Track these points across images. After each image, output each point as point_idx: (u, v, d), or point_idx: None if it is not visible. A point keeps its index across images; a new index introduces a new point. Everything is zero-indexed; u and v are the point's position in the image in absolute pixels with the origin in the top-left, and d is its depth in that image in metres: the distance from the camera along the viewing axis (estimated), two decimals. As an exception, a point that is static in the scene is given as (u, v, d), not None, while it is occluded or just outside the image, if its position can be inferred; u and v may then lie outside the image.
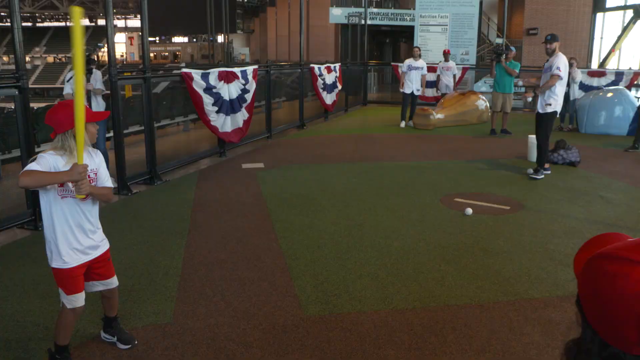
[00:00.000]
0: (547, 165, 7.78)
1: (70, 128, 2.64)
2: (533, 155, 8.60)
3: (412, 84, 12.56)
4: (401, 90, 12.86)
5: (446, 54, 13.72)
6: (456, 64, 14.51)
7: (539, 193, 6.87)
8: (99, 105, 6.87)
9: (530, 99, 7.29)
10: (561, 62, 7.27)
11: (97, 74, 6.78)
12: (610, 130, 11.64)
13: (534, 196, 6.72)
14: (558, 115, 7.92)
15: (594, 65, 21.55)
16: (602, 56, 21.89)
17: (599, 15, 22.27)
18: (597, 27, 22.36)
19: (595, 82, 14.54)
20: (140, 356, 3.16)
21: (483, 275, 4.31)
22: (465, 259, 4.66)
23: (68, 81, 6.91)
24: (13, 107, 5.58)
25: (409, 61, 12.68)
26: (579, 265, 0.94)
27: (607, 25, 22.20)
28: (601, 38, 22.33)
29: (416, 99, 12.94)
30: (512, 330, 3.48)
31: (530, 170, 7.71)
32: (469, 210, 5.87)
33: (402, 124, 12.71)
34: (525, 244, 5.05)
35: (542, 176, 7.50)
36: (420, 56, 12.73)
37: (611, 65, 20.72)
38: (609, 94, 12.11)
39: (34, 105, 8.35)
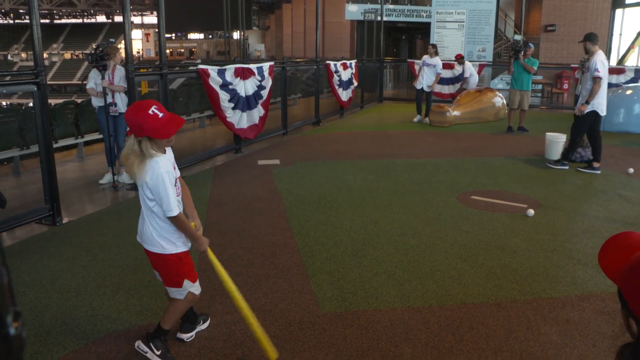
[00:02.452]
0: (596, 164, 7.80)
1: (159, 137, 2.74)
2: (551, 153, 8.52)
3: (423, 80, 12.58)
4: (414, 84, 13.06)
5: (459, 58, 14.13)
6: (471, 61, 14.70)
7: (556, 191, 6.80)
8: (122, 100, 6.95)
9: (585, 112, 7.38)
10: (598, 60, 7.23)
11: (121, 71, 6.84)
12: (629, 128, 11.49)
13: (551, 194, 6.65)
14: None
15: (613, 62, 21.27)
16: (621, 53, 21.61)
17: (618, 11, 21.97)
18: (616, 23, 22.06)
19: (614, 79, 14.33)
20: (157, 351, 3.17)
21: (500, 274, 4.28)
22: (482, 257, 4.62)
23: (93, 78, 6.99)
24: (32, 103, 5.63)
25: (424, 57, 12.77)
26: (611, 268, 0.91)
27: (626, 22, 21.89)
28: (620, 34, 22.03)
29: (430, 96, 12.92)
30: (530, 329, 3.45)
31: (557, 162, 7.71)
32: (531, 212, 5.81)
33: (416, 119, 12.76)
34: (543, 242, 5.00)
35: (561, 167, 7.47)
36: (436, 53, 12.65)
37: (630, 62, 20.45)
38: (628, 92, 11.95)
39: (52, 101, 8.42)
